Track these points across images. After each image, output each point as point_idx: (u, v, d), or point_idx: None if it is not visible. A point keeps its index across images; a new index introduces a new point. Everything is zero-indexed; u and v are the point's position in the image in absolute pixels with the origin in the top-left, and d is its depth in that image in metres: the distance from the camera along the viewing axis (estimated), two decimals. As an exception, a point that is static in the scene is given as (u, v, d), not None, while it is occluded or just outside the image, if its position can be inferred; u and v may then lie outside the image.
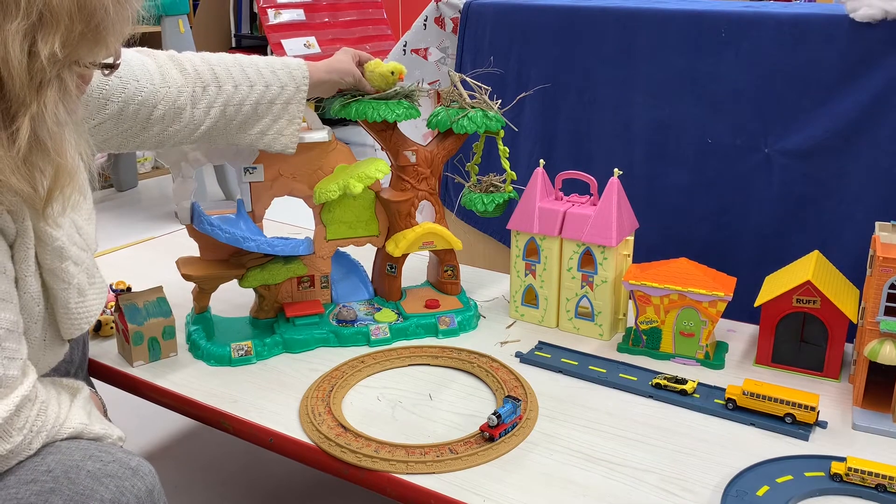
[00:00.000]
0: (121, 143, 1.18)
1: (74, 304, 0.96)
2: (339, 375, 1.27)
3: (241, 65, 1.26)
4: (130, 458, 0.89)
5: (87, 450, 0.88)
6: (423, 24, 2.21)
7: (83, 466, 0.85)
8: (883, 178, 1.46)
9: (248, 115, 1.26)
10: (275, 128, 1.29)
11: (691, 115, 1.68)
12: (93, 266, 1.01)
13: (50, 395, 0.91)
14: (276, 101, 1.27)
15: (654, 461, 1.05)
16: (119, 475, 0.86)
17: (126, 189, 3.77)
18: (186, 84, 1.20)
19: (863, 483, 0.98)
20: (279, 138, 1.30)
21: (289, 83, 1.28)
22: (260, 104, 1.26)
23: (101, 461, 0.86)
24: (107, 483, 0.84)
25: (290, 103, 1.28)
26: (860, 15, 1.43)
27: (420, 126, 1.95)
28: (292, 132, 1.30)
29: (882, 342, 1.13)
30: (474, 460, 1.05)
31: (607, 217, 1.36)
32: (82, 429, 0.92)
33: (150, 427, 1.79)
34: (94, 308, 1.00)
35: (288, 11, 4.20)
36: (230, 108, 1.24)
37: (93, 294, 1.00)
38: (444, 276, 1.53)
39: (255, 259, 1.38)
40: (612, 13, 1.79)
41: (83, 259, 0.97)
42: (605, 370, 1.29)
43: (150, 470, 0.90)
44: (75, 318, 0.97)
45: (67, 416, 0.91)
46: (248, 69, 1.25)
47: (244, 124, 1.27)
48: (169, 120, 1.19)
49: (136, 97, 1.14)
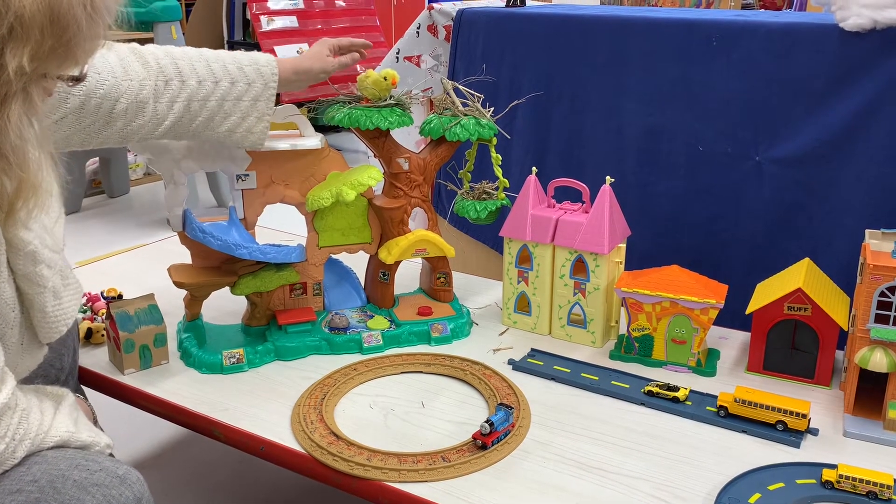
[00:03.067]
0: (84, 140, 1.16)
1: (51, 308, 0.94)
2: (331, 383, 1.27)
3: (205, 60, 1.24)
4: (118, 467, 0.88)
5: (73, 459, 0.87)
6: (416, 31, 2.21)
7: (69, 476, 0.84)
8: (873, 186, 1.47)
9: (213, 112, 1.24)
10: (244, 125, 1.27)
11: (683, 123, 1.69)
12: (66, 267, 0.99)
13: (31, 402, 0.90)
14: (244, 98, 1.25)
15: (647, 468, 1.06)
16: (106, 484, 0.85)
17: (118, 195, 3.76)
18: (149, 77, 1.17)
19: (854, 490, 0.98)
20: (248, 136, 1.28)
21: (256, 80, 1.26)
22: (226, 101, 1.24)
23: (87, 470, 0.85)
24: (93, 492, 0.83)
25: (259, 100, 1.27)
26: (850, 24, 1.44)
27: (413, 133, 1.96)
28: (262, 129, 1.29)
29: (872, 349, 1.13)
30: (467, 468, 1.05)
31: (599, 224, 1.36)
32: (69, 437, 0.91)
33: (141, 435, 1.78)
34: (71, 310, 0.98)
35: (281, 18, 4.21)
36: (194, 103, 1.22)
37: (68, 296, 0.97)
38: (437, 284, 1.53)
39: (247, 266, 1.38)
40: (604, 21, 1.80)
41: (56, 261, 0.95)
42: (597, 377, 1.29)
43: (137, 478, 0.89)
44: (52, 322, 0.95)
45: (52, 424, 0.90)
46: (213, 64, 1.24)
47: (210, 121, 1.25)
48: (132, 114, 1.17)
49: (98, 90, 1.12)
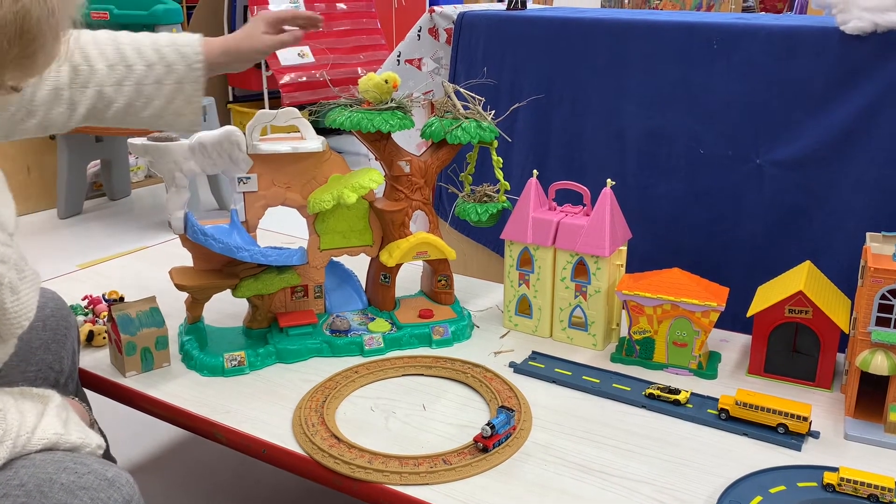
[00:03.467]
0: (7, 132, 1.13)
1: (10, 304, 0.90)
2: (332, 386, 1.27)
3: (116, 43, 1.19)
4: (107, 469, 0.87)
5: (61, 462, 0.86)
6: (417, 34, 2.22)
7: (57, 479, 0.83)
8: (874, 189, 1.47)
9: (131, 97, 1.20)
10: (171, 109, 1.23)
11: (683, 125, 1.69)
12: (20, 259, 0.94)
13: (7, 403, 0.88)
14: (165, 82, 1.21)
15: (648, 471, 1.06)
16: (94, 487, 0.83)
17: (119, 198, 3.76)
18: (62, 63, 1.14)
19: (855, 493, 0.98)
20: (179, 119, 1.24)
21: (177, 62, 1.21)
22: (143, 85, 1.20)
23: (75, 473, 0.84)
24: (81, 496, 0.82)
25: (184, 83, 1.22)
26: (850, 27, 1.44)
27: (414, 136, 1.96)
28: (192, 111, 1.24)
29: (873, 352, 1.13)
30: (468, 471, 1.05)
31: (600, 227, 1.36)
32: (57, 438, 0.89)
33: (143, 438, 1.78)
34: (31, 303, 0.94)
35: (282, 21, 4.21)
36: (107, 88, 1.18)
37: (26, 289, 0.93)
38: (438, 286, 1.53)
39: (249, 269, 1.38)
40: (604, 24, 1.80)
41: (8, 256, 0.90)
42: (598, 380, 1.29)
43: (127, 480, 0.88)
44: (13, 318, 0.92)
45: (38, 426, 0.88)
46: (124, 47, 1.19)
47: (130, 106, 1.21)
48: (50, 103, 1.14)
49: None
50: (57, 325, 1.20)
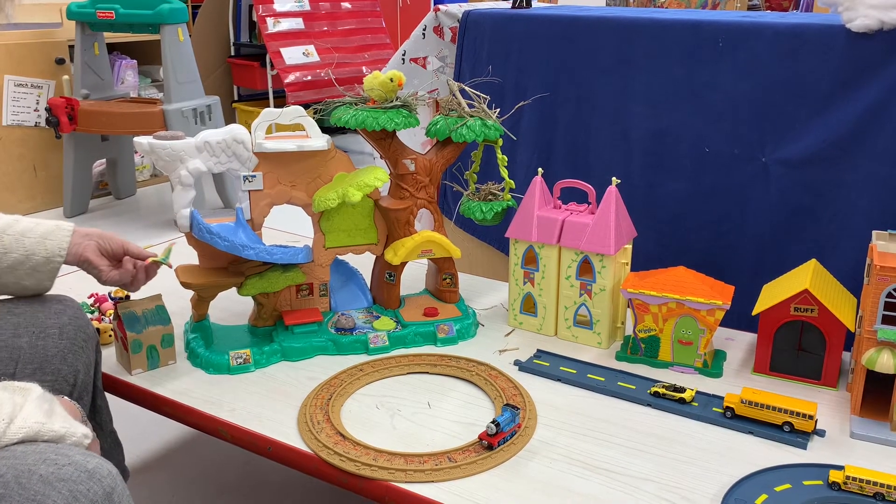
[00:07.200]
0: None
1: None
2: (337, 384, 1.27)
3: None
4: (88, 460, 0.85)
5: (42, 453, 0.84)
6: (421, 33, 2.22)
7: (35, 471, 0.81)
8: (880, 188, 1.47)
9: None
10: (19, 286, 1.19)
11: (689, 124, 1.69)
12: None
13: None
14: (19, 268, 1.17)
15: (653, 470, 1.05)
16: (73, 479, 0.82)
17: (124, 197, 3.77)
18: None
19: (861, 492, 0.98)
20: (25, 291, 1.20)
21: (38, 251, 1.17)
22: None
23: (55, 464, 0.82)
24: (59, 487, 0.80)
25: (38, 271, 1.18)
26: (856, 25, 1.43)
27: (419, 135, 1.96)
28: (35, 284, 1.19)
29: (879, 351, 1.13)
30: (473, 469, 1.05)
31: (605, 226, 1.36)
32: (39, 427, 0.87)
33: (149, 435, 1.78)
34: None
35: (287, 20, 4.22)
36: None
37: None
38: (443, 285, 1.53)
39: (254, 267, 1.38)
40: (609, 23, 1.80)
41: None
42: (603, 378, 1.29)
43: (109, 472, 0.85)
44: None
45: (18, 416, 0.87)
46: None
47: None
48: None
49: None
50: (75, 334, 1.18)
